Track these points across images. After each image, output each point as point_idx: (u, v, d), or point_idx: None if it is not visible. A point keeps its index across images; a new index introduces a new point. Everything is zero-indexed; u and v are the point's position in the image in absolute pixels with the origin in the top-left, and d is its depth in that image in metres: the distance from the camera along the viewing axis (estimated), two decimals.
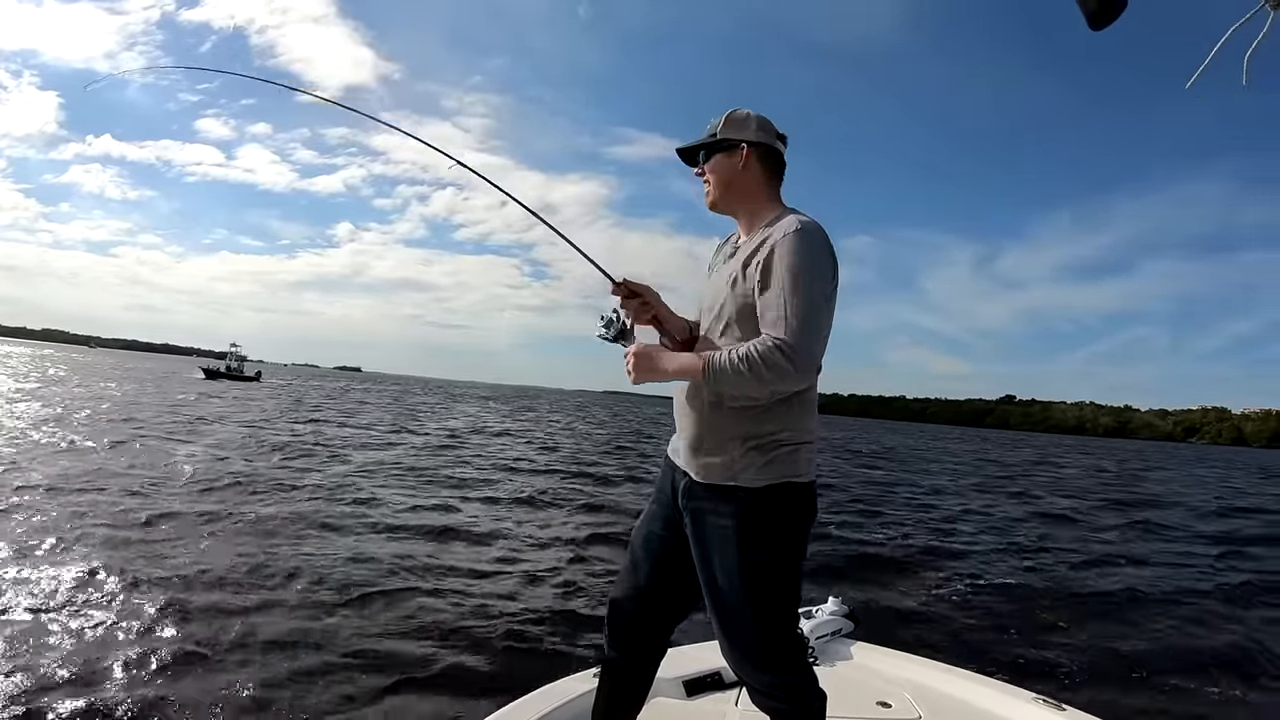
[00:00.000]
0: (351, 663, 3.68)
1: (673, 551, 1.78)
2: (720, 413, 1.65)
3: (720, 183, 1.77)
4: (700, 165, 1.79)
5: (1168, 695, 4.03)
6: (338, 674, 3.54)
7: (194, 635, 3.85)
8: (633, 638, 1.86)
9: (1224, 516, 13.28)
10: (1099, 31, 1.25)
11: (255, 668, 3.53)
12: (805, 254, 1.55)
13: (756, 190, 1.76)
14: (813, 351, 1.51)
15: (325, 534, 6.45)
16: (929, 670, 2.58)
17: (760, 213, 1.74)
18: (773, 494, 1.62)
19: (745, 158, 1.74)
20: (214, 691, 3.26)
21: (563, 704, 2.09)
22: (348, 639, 3.99)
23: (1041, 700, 2.28)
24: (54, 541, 5.31)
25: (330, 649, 3.83)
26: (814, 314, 1.51)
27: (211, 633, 3.90)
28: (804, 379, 1.53)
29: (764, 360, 1.47)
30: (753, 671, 1.70)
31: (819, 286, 1.54)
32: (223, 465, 10.09)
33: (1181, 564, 8.09)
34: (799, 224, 1.59)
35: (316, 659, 3.69)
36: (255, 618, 4.17)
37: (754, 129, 1.75)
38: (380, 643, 3.98)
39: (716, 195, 1.79)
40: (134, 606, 4.17)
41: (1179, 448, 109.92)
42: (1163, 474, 27.71)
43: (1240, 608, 6.10)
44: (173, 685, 3.28)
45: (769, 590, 1.66)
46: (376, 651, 3.84)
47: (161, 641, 3.75)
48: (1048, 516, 11.60)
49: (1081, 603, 5.99)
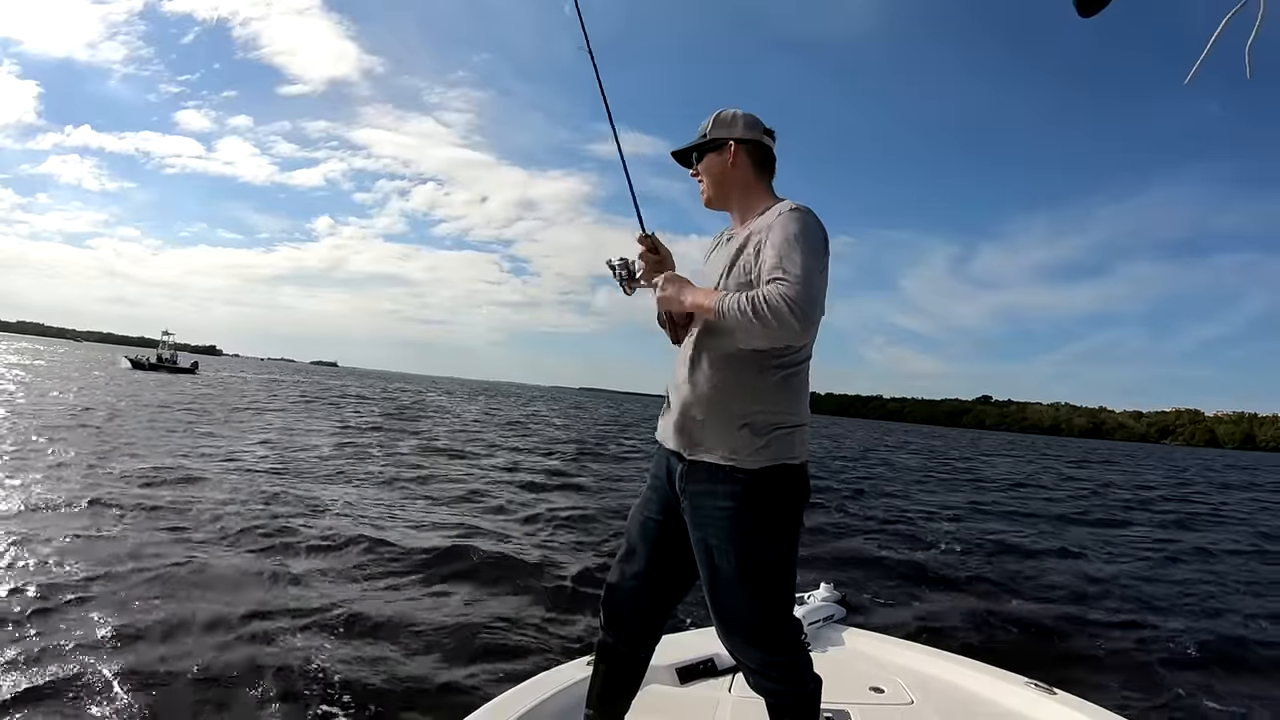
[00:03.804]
0: (341, 652, 3.62)
1: (669, 536, 1.80)
2: (719, 395, 1.68)
3: (713, 180, 1.86)
4: (694, 166, 1.88)
5: (1157, 679, 4.10)
6: (327, 664, 3.47)
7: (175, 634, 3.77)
8: (628, 623, 1.87)
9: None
10: (1088, 18, 1.25)
11: (234, 658, 3.46)
12: (801, 226, 1.62)
13: (747, 184, 1.84)
14: (813, 308, 1.54)
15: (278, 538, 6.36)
16: (921, 655, 2.60)
17: (753, 205, 1.82)
18: (770, 475, 1.65)
19: (733, 154, 1.83)
20: (196, 682, 3.20)
21: (558, 691, 2.09)
22: (331, 630, 3.93)
23: (1033, 685, 2.31)
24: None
25: (317, 638, 3.77)
26: (812, 275, 1.55)
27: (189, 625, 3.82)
28: (804, 332, 1.55)
29: (769, 305, 1.51)
30: (750, 651, 1.72)
31: (815, 254, 1.59)
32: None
33: (1158, 553, 8.24)
34: (793, 206, 1.68)
35: (301, 650, 3.62)
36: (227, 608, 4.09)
37: (740, 127, 1.84)
38: (371, 632, 3.92)
39: (711, 192, 1.88)
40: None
41: (1153, 448, 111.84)
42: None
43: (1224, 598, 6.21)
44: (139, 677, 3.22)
45: (767, 571, 1.68)
46: (367, 641, 3.79)
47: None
48: (1037, 512, 11.75)
49: (1071, 590, 6.08)
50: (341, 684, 3.28)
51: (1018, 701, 2.26)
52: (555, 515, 7.97)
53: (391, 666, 3.53)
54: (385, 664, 3.55)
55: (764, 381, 1.66)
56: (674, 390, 1.80)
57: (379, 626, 4.01)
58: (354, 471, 10.20)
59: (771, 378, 1.66)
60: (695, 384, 1.72)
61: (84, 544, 5.07)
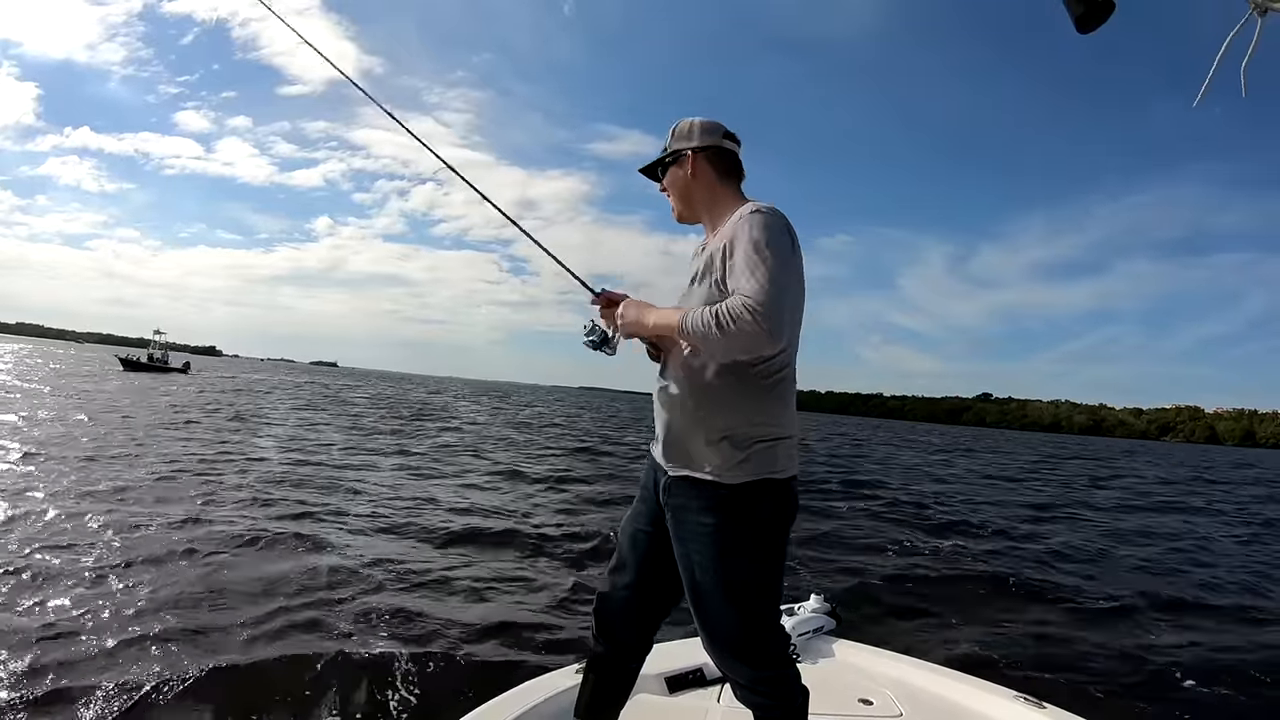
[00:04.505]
0: (329, 658, 3.58)
1: (658, 548, 1.79)
2: (698, 409, 1.66)
3: (677, 194, 1.85)
4: (661, 182, 1.88)
5: (1147, 695, 4.06)
6: (314, 670, 3.46)
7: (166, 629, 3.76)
8: (619, 633, 1.87)
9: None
10: (1086, 34, 1.23)
11: (227, 663, 3.44)
12: (763, 230, 1.58)
13: (711, 192, 1.81)
14: (780, 315, 1.51)
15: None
16: (910, 668, 2.59)
17: (720, 212, 1.78)
18: (752, 490, 1.63)
19: (692, 164, 1.80)
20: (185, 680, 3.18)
21: (547, 699, 2.09)
22: (326, 634, 3.92)
23: (1022, 698, 2.29)
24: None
25: (307, 643, 3.75)
26: (777, 281, 1.51)
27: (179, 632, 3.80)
28: (773, 339, 1.51)
29: (732, 316, 1.48)
30: (736, 666, 1.71)
31: (780, 259, 1.55)
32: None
33: (1160, 562, 8.21)
34: (754, 208, 1.63)
35: (292, 652, 3.61)
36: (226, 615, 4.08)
37: (698, 135, 1.81)
38: (359, 638, 3.90)
39: (680, 207, 1.86)
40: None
41: (1154, 445, 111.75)
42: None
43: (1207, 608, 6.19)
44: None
45: (749, 587, 1.66)
46: (353, 646, 3.75)
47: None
48: (1033, 517, 11.72)
49: (1061, 602, 6.04)
50: (323, 695, 3.27)
51: (1006, 715, 2.24)
52: (551, 518, 7.96)
53: (376, 673, 3.50)
54: (370, 669, 3.53)
55: (744, 392, 1.63)
56: (656, 404, 1.78)
57: (362, 633, 3.99)
58: (333, 476, 10.17)
59: (752, 388, 1.63)
60: (674, 397, 1.71)
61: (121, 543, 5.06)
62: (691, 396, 1.67)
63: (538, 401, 62.28)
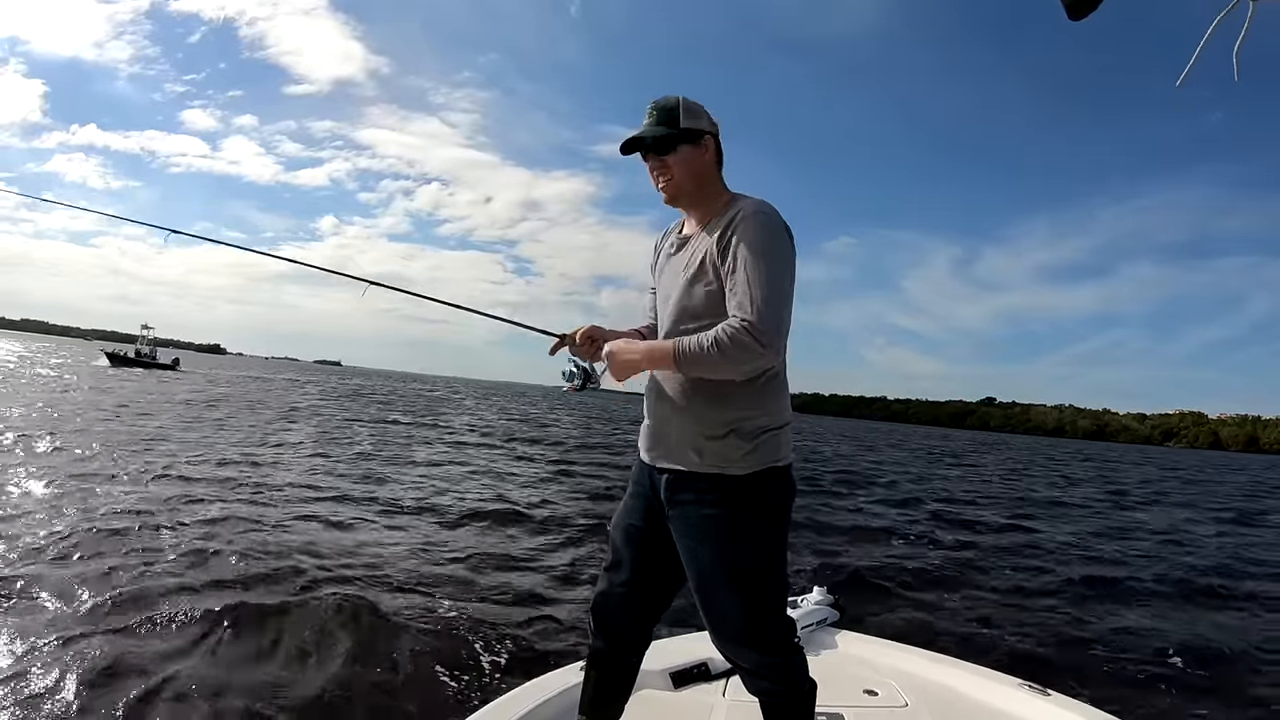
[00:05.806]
0: (329, 657, 3.60)
1: (653, 543, 1.79)
2: (701, 406, 1.66)
3: (691, 175, 1.72)
4: (660, 156, 1.72)
5: (1152, 680, 4.08)
6: (316, 669, 3.47)
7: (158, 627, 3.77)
8: (617, 629, 1.87)
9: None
10: (1078, 21, 1.24)
11: (231, 662, 3.47)
12: (765, 236, 1.58)
13: (714, 180, 1.76)
14: (779, 329, 1.53)
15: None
16: (915, 658, 2.59)
17: (714, 203, 1.74)
18: (759, 479, 1.64)
19: (709, 148, 1.74)
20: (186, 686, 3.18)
21: (550, 698, 2.08)
22: (327, 633, 3.90)
23: (1027, 686, 2.29)
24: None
25: (306, 642, 3.75)
26: (777, 293, 1.53)
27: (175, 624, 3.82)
28: (775, 359, 1.55)
29: (733, 342, 1.49)
30: (745, 653, 1.71)
31: (781, 266, 1.57)
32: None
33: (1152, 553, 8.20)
34: (756, 208, 1.62)
35: (291, 653, 3.62)
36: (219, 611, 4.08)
37: (709, 118, 1.76)
38: (362, 637, 3.88)
39: (691, 187, 1.73)
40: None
41: (1158, 451, 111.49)
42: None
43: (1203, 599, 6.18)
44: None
45: (758, 574, 1.67)
46: (357, 645, 3.75)
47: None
48: (1036, 512, 11.70)
49: (1065, 591, 6.05)
50: (323, 695, 3.23)
51: (1012, 703, 2.24)
52: (551, 517, 7.96)
53: (379, 673, 3.50)
54: (373, 669, 3.53)
55: (749, 386, 1.64)
56: (651, 402, 1.77)
57: (362, 631, 3.96)
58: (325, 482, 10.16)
59: (756, 382, 1.64)
60: (673, 395, 1.70)
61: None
62: (692, 394, 1.67)
63: (538, 402, 62.21)
